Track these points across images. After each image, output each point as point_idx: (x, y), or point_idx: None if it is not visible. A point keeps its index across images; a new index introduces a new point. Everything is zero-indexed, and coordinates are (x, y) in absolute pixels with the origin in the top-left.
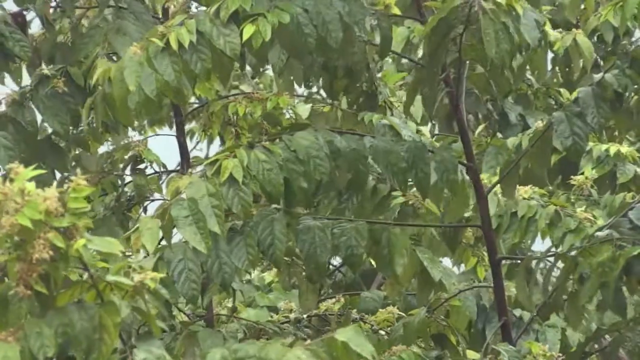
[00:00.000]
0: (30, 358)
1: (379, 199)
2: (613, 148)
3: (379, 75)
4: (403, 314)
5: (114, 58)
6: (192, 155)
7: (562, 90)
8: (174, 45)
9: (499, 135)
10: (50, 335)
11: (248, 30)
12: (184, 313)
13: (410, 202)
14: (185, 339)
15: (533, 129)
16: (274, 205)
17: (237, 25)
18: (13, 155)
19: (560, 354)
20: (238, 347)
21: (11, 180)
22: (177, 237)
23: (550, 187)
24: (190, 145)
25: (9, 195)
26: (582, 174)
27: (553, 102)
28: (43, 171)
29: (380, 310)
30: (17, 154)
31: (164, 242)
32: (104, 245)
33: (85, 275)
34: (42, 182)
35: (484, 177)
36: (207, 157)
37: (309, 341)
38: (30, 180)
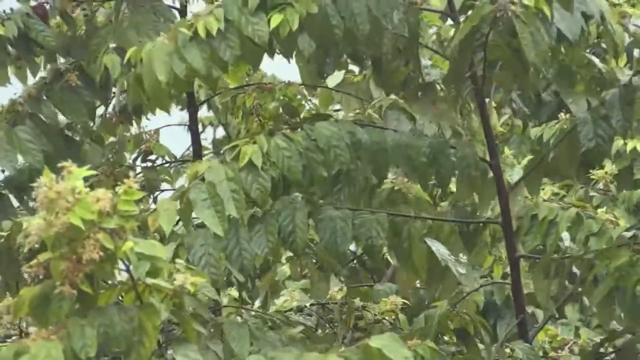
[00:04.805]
0: (73, 357)
1: (370, 187)
2: (630, 144)
3: (430, 62)
4: (407, 302)
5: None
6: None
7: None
8: (202, 33)
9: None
10: (92, 335)
11: (276, 19)
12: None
13: (396, 188)
14: (209, 332)
15: (554, 122)
16: (296, 194)
17: (266, 13)
18: (35, 148)
19: (572, 338)
20: (275, 355)
21: (63, 179)
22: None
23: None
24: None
25: (62, 194)
26: (603, 168)
27: (598, 73)
28: (94, 172)
29: (384, 299)
30: (39, 147)
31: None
32: (148, 248)
33: (125, 277)
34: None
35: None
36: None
37: (343, 348)
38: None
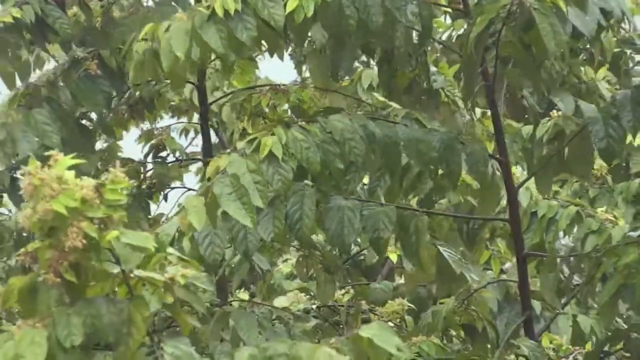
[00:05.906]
0: (57, 345)
1: (410, 180)
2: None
3: (436, 69)
4: (412, 306)
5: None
6: (188, 151)
7: (586, 67)
8: (220, 12)
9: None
10: (78, 324)
11: (291, 3)
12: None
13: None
14: (217, 321)
15: (547, 119)
16: (306, 182)
17: None
18: (52, 130)
19: (578, 347)
20: (267, 346)
21: (49, 166)
22: None
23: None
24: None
25: (46, 181)
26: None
27: (577, 80)
28: (83, 160)
29: (390, 301)
30: (55, 130)
31: None
32: (137, 239)
33: (116, 269)
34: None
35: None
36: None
37: (333, 339)
38: (70, 168)
